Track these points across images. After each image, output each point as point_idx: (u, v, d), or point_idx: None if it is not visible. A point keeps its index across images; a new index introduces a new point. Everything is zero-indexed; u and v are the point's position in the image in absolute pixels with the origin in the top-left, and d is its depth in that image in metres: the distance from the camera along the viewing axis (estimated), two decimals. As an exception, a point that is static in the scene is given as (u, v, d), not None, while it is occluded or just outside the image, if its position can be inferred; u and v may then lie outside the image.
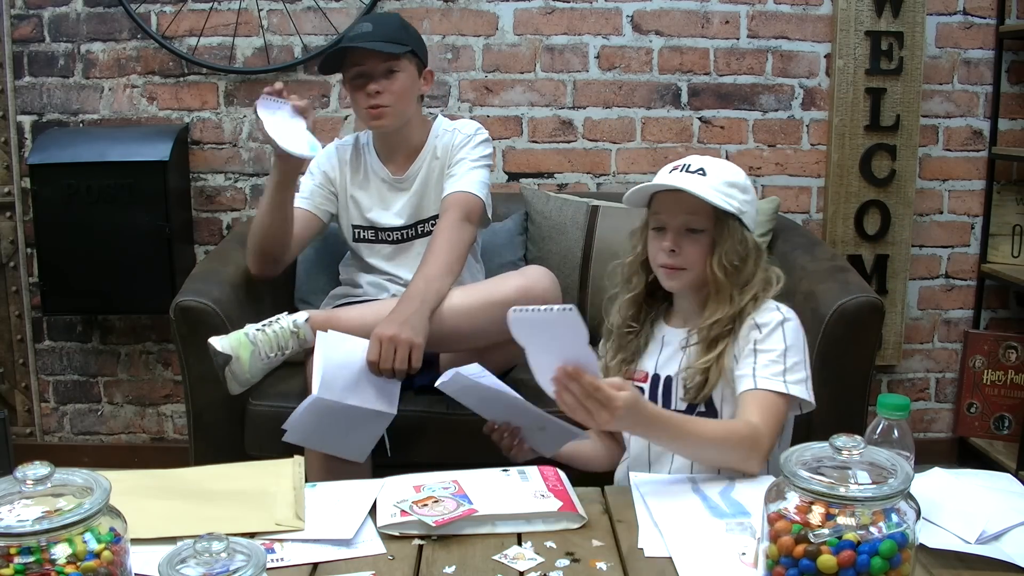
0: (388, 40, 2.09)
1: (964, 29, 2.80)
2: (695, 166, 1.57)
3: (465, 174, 2.15)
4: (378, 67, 2.09)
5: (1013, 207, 2.87)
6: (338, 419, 1.81)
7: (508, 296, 1.98)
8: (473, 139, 2.20)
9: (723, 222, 1.55)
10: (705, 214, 1.55)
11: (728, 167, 1.60)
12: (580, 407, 1.27)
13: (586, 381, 1.25)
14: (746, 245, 1.56)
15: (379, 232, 2.25)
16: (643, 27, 2.80)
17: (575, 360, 1.24)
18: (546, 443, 1.70)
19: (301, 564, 1.16)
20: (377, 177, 2.24)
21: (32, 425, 2.99)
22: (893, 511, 0.95)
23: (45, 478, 0.93)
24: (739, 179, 1.58)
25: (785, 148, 2.88)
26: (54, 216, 2.65)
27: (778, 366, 1.48)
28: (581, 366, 1.25)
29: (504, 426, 1.68)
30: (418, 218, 2.24)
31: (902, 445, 1.17)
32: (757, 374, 1.48)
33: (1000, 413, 2.89)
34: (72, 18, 2.79)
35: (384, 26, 2.13)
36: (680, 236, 1.56)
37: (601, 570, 1.14)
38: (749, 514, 1.25)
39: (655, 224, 1.60)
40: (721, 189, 1.54)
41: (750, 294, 1.55)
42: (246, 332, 1.92)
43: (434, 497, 1.28)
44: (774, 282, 1.58)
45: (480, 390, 1.61)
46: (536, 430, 1.67)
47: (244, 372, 1.91)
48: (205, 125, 2.85)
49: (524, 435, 1.68)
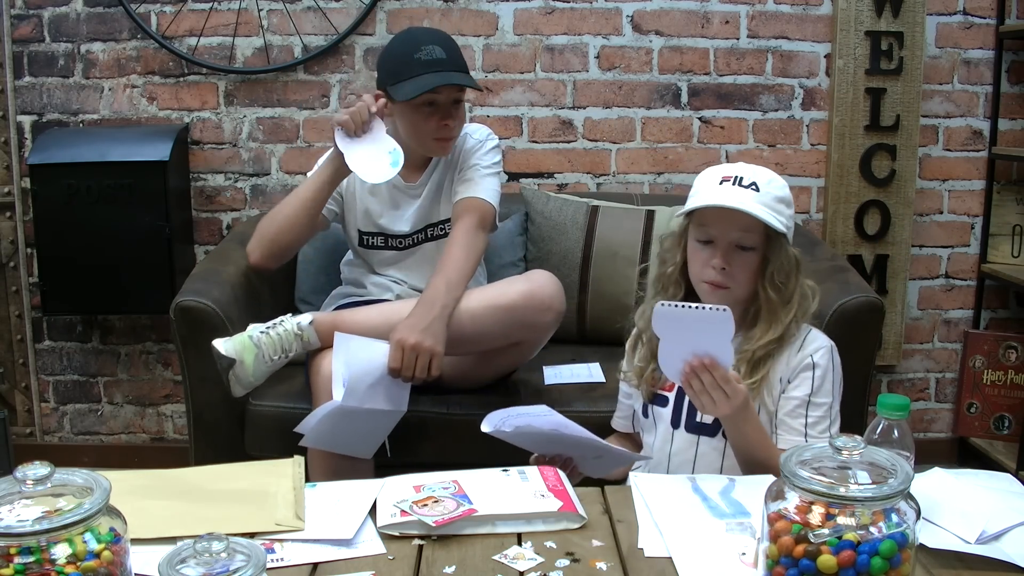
0: (463, 69, 2.08)
1: (964, 29, 2.81)
2: (747, 179, 1.52)
3: (479, 180, 2.13)
4: (450, 97, 2.05)
5: (1013, 207, 2.87)
6: (353, 422, 1.83)
7: (513, 301, 1.99)
8: (485, 144, 2.19)
9: (773, 240, 1.53)
10: (757, 231, 1.52)
11: (776, 181, 1.55)
12: (705, 393, 1.39)
13: (719, 373, 1.37)
14: (791, 262, 1.56)
15: (388, 239, 2.23)
16: (643, 27, 2.81)
17: (710, 353, 1.37)
18: (597, 468, 1.67)
19: (301, 564, 1.16)
20: (389, 183, 2.19)
21: (32, 425, 2.99)
22: (893, 511, 0.95)
23: (45, 478, 0.93)
24: (786, 194, 1.56)
25: (785, 148, 2.88)
26: (54, 216, 2.65)
27: (825, 422, 1.54)
28: (715, 359, 1.37)
29: (556, 458, 1.63)
30: (427, 222, 2.22)
31: (902, 445, 1.16)
32: (809, 436, 1.53)
33: (1000, 413, 2.89)
34: (72, 18, 2.79)
35: (453, 51, 2.07)
36: (730, 253, 1.53)
37: (601, 570, 1.14)
38: (749, 514, 1.25)
39: (702, 237, 1.55)
40: (772, 206, 1.51)
41: (792, 312, 1.54)
42: (250, 335, 1.92)
43: (434, 497, 1.28)
44: (810, 296, 1.58)
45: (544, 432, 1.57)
46: (591, 458, 1.64)
47: (248, 376, 1.91)
48: (205, 125, 2.86)
49: (576, 462, 1.65)
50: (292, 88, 2.84)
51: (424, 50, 2.02)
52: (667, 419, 1.61)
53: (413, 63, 2.01)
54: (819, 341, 1.58)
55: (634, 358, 1.69)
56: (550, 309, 2.02)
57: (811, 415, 1.54)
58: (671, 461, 1.60)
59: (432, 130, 2.06)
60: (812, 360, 1.54)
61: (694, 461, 1.58)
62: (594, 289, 2.55)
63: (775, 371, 1.55)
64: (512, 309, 1.98)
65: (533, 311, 2.00)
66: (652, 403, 1.64)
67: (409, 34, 2.13)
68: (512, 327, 1.98)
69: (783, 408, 1.55)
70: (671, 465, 1.60)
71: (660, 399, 1.63)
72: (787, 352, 1.55)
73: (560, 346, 2.30)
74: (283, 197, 2.84)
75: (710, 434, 1.57)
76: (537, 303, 2.00)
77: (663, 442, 1.62)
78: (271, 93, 2.83)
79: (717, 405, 1.40)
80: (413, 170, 2.19)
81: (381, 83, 2.11)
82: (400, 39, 2.11)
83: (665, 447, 1.61)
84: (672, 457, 1.60)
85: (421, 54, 2.02)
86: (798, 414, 1.54)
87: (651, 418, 1.65)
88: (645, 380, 1.63)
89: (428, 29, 2.23)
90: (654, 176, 2.88)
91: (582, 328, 2.57)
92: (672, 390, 1.61)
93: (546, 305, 2.01)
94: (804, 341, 1.57)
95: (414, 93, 1.99)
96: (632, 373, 1.67)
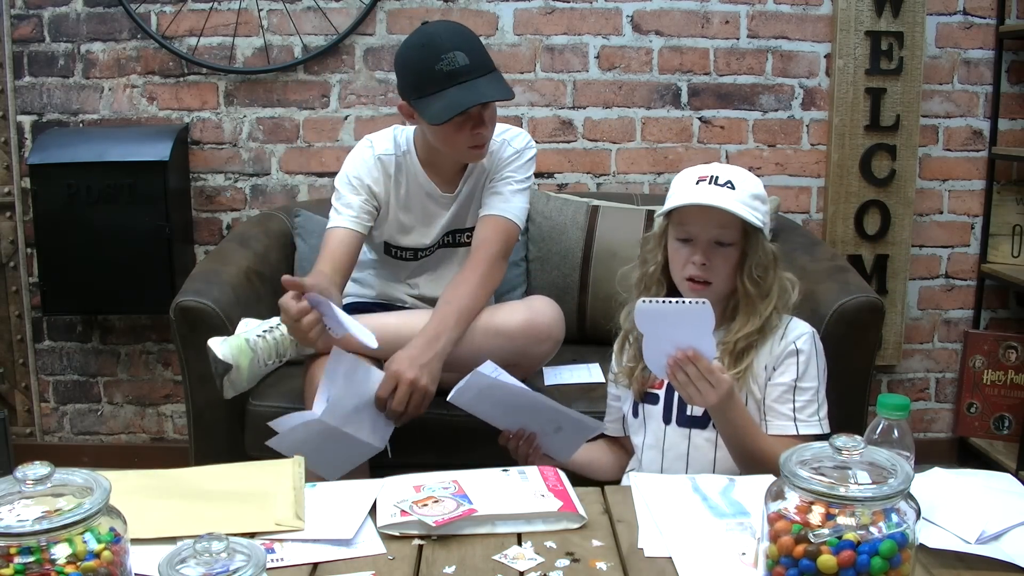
0: (488, 68, 1.93)
1: (964, 29, 2.80)
2: (723, 178, 1.56)
3: (511, 197, 2.06)
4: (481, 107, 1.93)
5: (1013, 207, 2.87)
6: (327, 440, 1.77)
7: (512, 329, 1.97)
8: (523, 155, 2.10)
9: (750, 235, 1.58)
10: (735, 228, 1.57)
11: (750, 178, 1.60)
12: (691, 385, 1.44)
13: (703, 364, 1.42)
14: (768, 256, 1.60)
15: (418, 252, 2.16)
16: (643, 27, 2.80)
17: (693, 346, 1.42)
18: (563, 446, 1.70)
19: (301, 564, 1.16)
20: (422, 192, 2.09)
21: (32, 425, 2.99)
22: (893, 511, 0.95)
23: (45, 478, 0.93)
24: (761, 191, 1.61)
25: (785, 148, 2.88)
26: (54, 216, 2.65)
27: (813, 405, 1.58)
28: (697, 351, 1.42)
29: (519, 433, 1.69)
30: (452, 228, 2.14)
31: (902, 445, 1.17)
32: (798, 420, 1.57)
33: (1000, 413, 2.89)
34: (72, 18, 2.79)
35: (476, 51, 1.92)
36: (710, 249, 1.57)
37: (601, 570, 1.14)
38: (749, 514, 1.25)
39: (681, 235, 1.59)
40: (748, 203, 1.56)
41: (771, 304, 1.58)
42: (247, 338, 1.90)
43: (434, 497, 1.28)
44: (790, 288, 1.62)
45: (496, 390, 1.61)
46: (552, 432, 1.67)
47: (242, 380, 1.89)
48: (205, 125, 2.85)
49: (540, 441, 1.69)
50: (292, 88, 2.83)
51: (445, 59, 1.87)
52: (658, 416, 1.64)
53: (436, 76, 1.87)
54: (800, 328, 1.62)
55: (622, 359, 1.71)
56: (548, 339, 2.01)
57: (798, 399, 1.58)
58: (665, 456, 1.62)
59: (466, 139, 1.94)
60: (795, 347, 1.58)
61: (687, 454, 1.61)
62: (594, 289, 2.55)
63: (759, 360, 1.58)
64: (511, 338, 1.96)
65: (532, 341, 1.99)
66: (643, 402, 1.66)
67: (426, 37, 1.93)
68: (509, 354, 1.94)
69: (770, 395, 1.59)
70: (665, 460, 1.62)
71: (651, 397, 1.65)
72: (770, 341, 1.59)
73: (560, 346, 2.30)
74: (283, 198, 2.87)
75: (701, 426, 1.60)
76: (536, 333, 1.99)
77: (656, 439, 1.64)
78: (271, 93, 2.83)
79: (703, 395, 1.45)
80: (449, 178, 2.10)
81: (403, 94, 1.97)
82: (417, 44, 1.93)
83: (658, 444, 1.63)
84: (666, 452, 1.62)
85: (443, 64, 1.86)
86: (786, 399, 1.58)
87: (641, 417, 1.67)
88: (635, 379, 1.65)
89: (445, 28, 1.97)
90: (654, 176, 2.88)
91: (582, 328, 2.57)
92: (662, 387, 1.64)
93: (545, 335, 2.00)
94: (786, 330, 1.61)
95: (445, 117, 1.86)
96: (622, 373, 1.70)
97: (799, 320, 1.64)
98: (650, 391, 1.65)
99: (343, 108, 2.84)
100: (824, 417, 1.60)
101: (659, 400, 1.64)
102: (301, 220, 2.59)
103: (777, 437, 1.55)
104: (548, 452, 1.71)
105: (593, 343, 2.47)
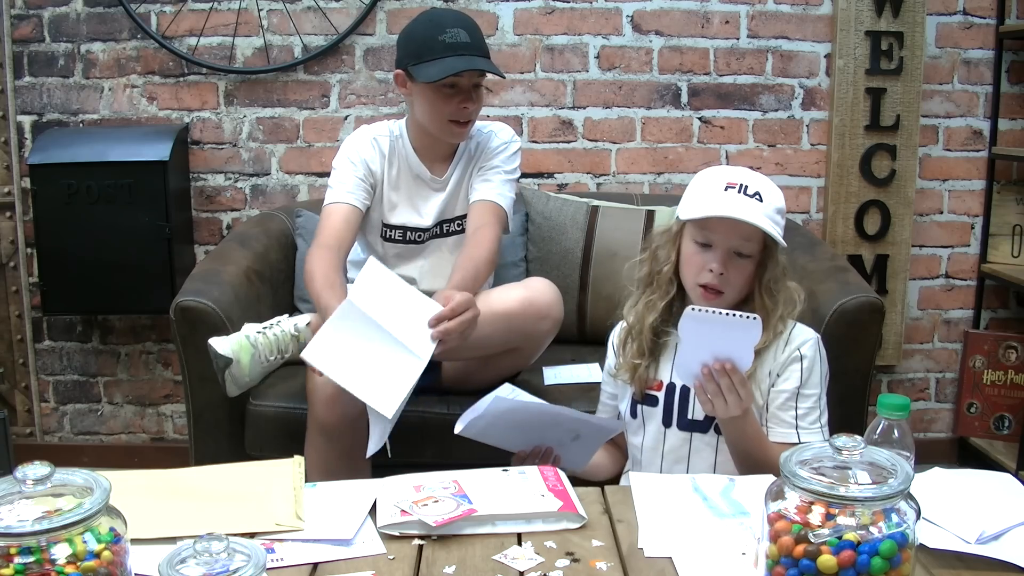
0: (486, 54, 2.06)
1: (964, 29, 2.80)
2: (751, 188, 1.53)
3: (500, 184, 2.13)
4: (471, 81, 2.03)
5: (1013, 207, 2.87)
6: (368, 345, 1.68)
7: (511, 309, 1.98)
8: (509, 147, 2.19)
9: (770, 248, 1.56)
10: (757, 240, 1.55)
11: (776, 191, 1.57)
12: (720, 396, 1.45)
13: (738, 377, 1.44)
14: (781, 268, 1.59)
15: (408, 232, 2.20)
16: (643, 27, 2.80)
17: (732, 358, 1.43)
18: (579, 454, 1.66)
19: (301, 564, 1.16)
20: (411, 175, 2.16)
21: (32, 425, 2.99)
22: (893, 511, 0.95)
23: (45, 478, 0.93)
24: (783, 204, 1.58)
25: (785, 148, 2.88)
26: (54, 216, 2.66)
27: (815, 412, 1.58)
28: (735, 364, 1.43)
29: (536, 450, 1.64)
30: (443, 218, 2.20)
31: (902, 445, 1.16)
32: (800, 427, 1.57)
33: (1000, 413, 2.89)
34: (72, 18, 2.79)
35: (477, 35, 2.05)
36: (728, 258, 1.54)
37: (601, 570, 1.14)
38: (749, 514, 1.25)
39: (701, 239, 1.56)
40: (773, 217, 1.54)
41: (778, 314, 1.57)
42: (247, 335, 1.91)
43: (434, 497, 1.28)
44: (796, 298, 1.59)
45: (515, 413, 1.57)
46: (569, 442, 1.63)
47: (244, 375, 1.90)
48: (205, 125, 2.85)
49: (557, 452, 1.65)
50: (292, 88, 2.83)
51: (449, 32, 2.00)
52: (658, 418, 1.62)
53: (437, 45, 1.98)
54: (805, 334, 1.61)
55: (625, 353, 1.67)
56: (547, 317, 2.02)
57: (801, 407, 1.57)
58: (664, 459, 1.61)
59: (450, 112, 2.03)
60: (800, 352, 1.57)
61: (688, 458, 1.60)
62: (594, 289, 2.55)
63: (763, 367, 1.57)
64: (510, 316, 1.98)
65: (531, 319, 1.99)
66: (642, 403, 1.64)
67: (433, 14, 2.11)
68: (509, 334, 1.97)
69: (774, 402, 1.58)
70: (664, 463, 1.61)
71: (650, 399, 1.63)
72: (774, 348, 1.58)
73: (560, 346, 2.30)
74: (283, 198, 2.87)
75: (702, 430, 1.59)
76: (535, 311, 2.00)
77: (655, 441, 1.62)
78: (271, 93, 2.83)
79: (729, 407, 1.45)
80: (438, 162, 2.17)
81: (401, 63, 2.07)
82: (424, 20, 2.07)
83: (658, 446, 1.62)
84: (666, 455, 1.61)
85: (446, 36, 1.99)
86: (788, 407, 1.57)
87: (639, 418, 1.65)
88: (638, 378, 1.62)
89: (452, 11, 2.22)
90: (654, 176, 2.88)
91: (582, 328, 2.57)
92: (660, 389, 1.62)
93: (543, 313, 2.01)
94: (790, 336, 1.59)
95: (439, 76, 1.97)
96: (624, 368, 1.66)
97: (803, 326, 1.62)
98: (649, 392, 1.63)
99: (343, 108, 2.84)
100: (825, 424, 1.59)
101: (658, 402, 1.62)
102: (301, 220, 2.59)
103: (779, 444, 1.54)
104: (565, 463, 1.66)
105: (593, 343, 2.47)
